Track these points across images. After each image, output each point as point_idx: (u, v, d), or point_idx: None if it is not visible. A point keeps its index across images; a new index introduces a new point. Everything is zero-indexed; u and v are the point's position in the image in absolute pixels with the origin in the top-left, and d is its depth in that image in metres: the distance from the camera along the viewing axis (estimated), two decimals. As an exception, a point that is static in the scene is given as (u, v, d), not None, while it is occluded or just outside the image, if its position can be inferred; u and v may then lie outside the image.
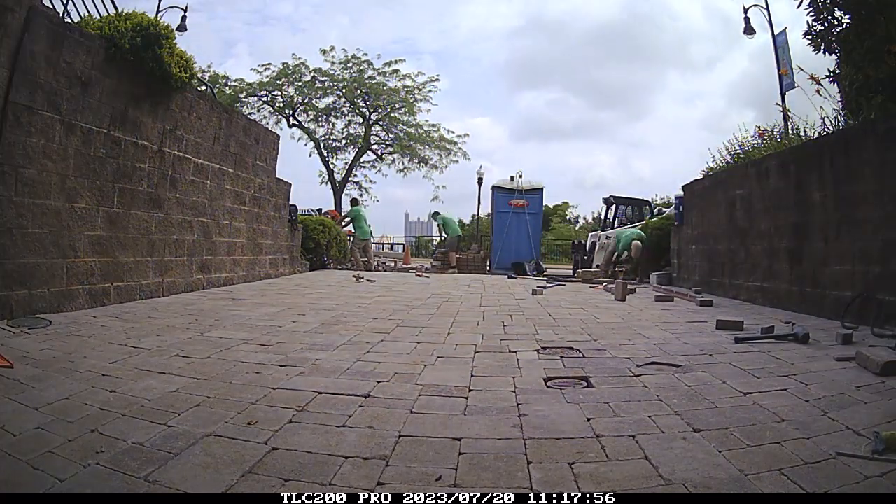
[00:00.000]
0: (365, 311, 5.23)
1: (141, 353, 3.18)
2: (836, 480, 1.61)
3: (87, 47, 4.67)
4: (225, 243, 7.32)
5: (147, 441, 1.87)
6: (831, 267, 4.92)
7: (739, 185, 6.93)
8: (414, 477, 1.68)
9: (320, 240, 11.49)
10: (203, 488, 1.58)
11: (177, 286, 6.13)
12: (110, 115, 5.00)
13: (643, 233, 10.47)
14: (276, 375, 2.77)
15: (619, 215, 13.88)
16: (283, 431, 2.01)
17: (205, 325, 4.16)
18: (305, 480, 1.64)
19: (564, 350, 3.51)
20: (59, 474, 1.62)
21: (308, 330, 4.12)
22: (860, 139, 4.68)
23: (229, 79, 23.05)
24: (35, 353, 3.05)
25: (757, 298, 6.20)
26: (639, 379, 2.79)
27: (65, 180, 4.48)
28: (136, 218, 5.44)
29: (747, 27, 12.08)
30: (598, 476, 1.68)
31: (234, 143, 7.58)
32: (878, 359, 2.77)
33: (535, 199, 15.11)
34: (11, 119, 3.93)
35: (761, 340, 3.74)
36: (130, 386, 2.51)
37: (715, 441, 1.93)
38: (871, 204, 4.46)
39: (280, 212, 9.37)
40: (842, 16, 5.10)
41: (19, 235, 4.03)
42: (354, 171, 24.74)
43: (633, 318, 5.02)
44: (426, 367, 3.00)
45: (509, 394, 2.54)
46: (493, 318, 5.00)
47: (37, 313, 4.07)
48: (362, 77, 23.12)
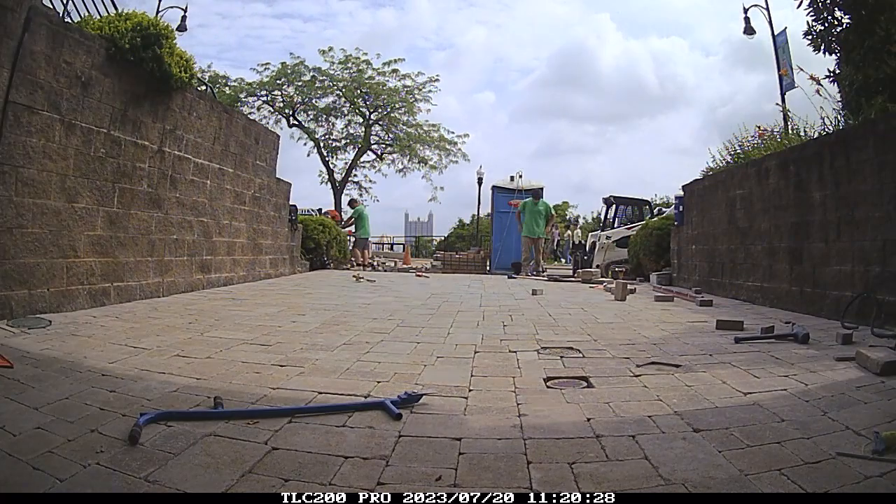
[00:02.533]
0: (365, 311, 5.23)
1: (141, 353, 3.18)
2: (836, 480, 1.61)
3: (87, 47, 4.67)
4: (225, 243, 7.32)
5: (147, 441, 1.87)
6: (831, 267, 4.92)
7: (739, 184, 6.92)
8: (414, 477, 1.68)
9: (320, 240, 11.49)
10: (203, 488, 1.58)
11: (177, 286, 6.13)
12: (110, 115, 5.00)
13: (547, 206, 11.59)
14: (276, 375, 2.77)
15: (619, 215, 13.88)
16: (283, 431, 2.01)
17: (205, 325, 4.16)
18: (305, 480, 1.64)
19: (564, 350, 3.51)
20: (59, 474, 1.62)
21: (308, 330, 4.12)
22: (860, 139, 4.67)
23: (229, 79, 23.09)
24: (35, 353, 3.05)
25: (757, 298, 6.20)
26: (639, 379, 2.79)
27: (65, 180, 4.48)
28: (136, 218, 5.44)
29: (747, 27, 12.09)
30: (598, 476, 1.68)
31: (234, 143, 7.58)
32: (878, 359, 2.76)
33: (535, 199, 15.09)
34: (11, 119, 3.93)
35: (761, 340, 3.73)
36: (130, 386, 2.51)
37: (715, 441, 1.93)
38: (871, 204, 4.46)
39: (280, 212, 9.37)
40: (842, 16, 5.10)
41: (19, 235, 4.03)
42: (354, 171, 24.76)
43: (632, 318, 5.02)
44: (426, 367, 3.00)
45: (509, 394, 2.54)
46: (493, 317, 5.00)
47: (37, 313, 4.07)
48: (362, 77, 23.12)
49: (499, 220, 14.89)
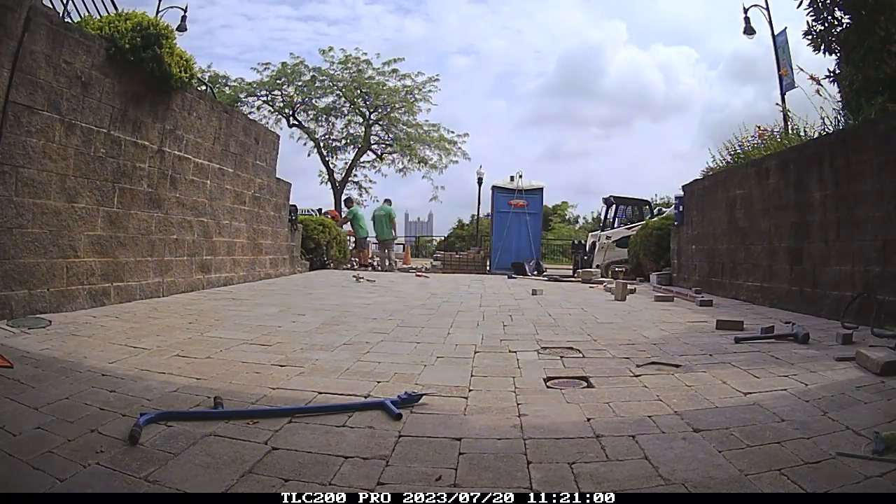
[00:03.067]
0: (365, 312, 5.23)
1: (141, 353, 3.18)
2: (836, 480, 1.61)
3: (87, 47, 4.67)
4: (225, 243, 7.32)
5: (147, 441, 1.87)
6: (831, 267, 4.92)
7: (739, 185, 6.93)
8: (414, 477, 1.68)
9: (320, 240, 11.49)
10: (203, 488, 1.58)
11: (177, 286, 6.13)
12: (110, 115, 4.99)
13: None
14: (276, 375, 2.77)
15: (619, 215, 13.89)
16: (283, 431, 2.01)
17: (205, 325, 4.16)
18: (305, 480, 1.64)
19: (564, 350, 3.51)
20: (59, 474, 1.62)
21: (308, 330, 4.12)
22: (860, 139, 4.67)
23: (229, 79, 23.03)
24: (35, 353, 3.04)
25: (757, 298, 6.20)
26: (639, 379, 2.79)
27: (65, 180, 4.48)
28: (136, 218, 5.44)
29: (747, 27, 12.08)
30: (598, 476, 1.68)
31: (234, 143, 7.58)
32: (878, 359, 2.77)
33: (535, 199, 15.12)
34: (11, 119, 3.92)
35: (761, 340, 3.74)
36: (130, 386, 2.51)
37: (715, 441, 1.93)
38: (871, 204, 4.46)
39: (280, 212, 9.37)
40: (842, 16, 5.10)
41: (19, 235, 4.03)
42: (354, 171, 24.75)
43: (632, 318, 5.02)
44: (426, 367, 3.00)
45: (509, 394, 2.54)
46: (493, 318, 5.00)
47: (37, 313, 4.07)
48: (361, 77, 23.10)
49: (499, 220, 14.89)
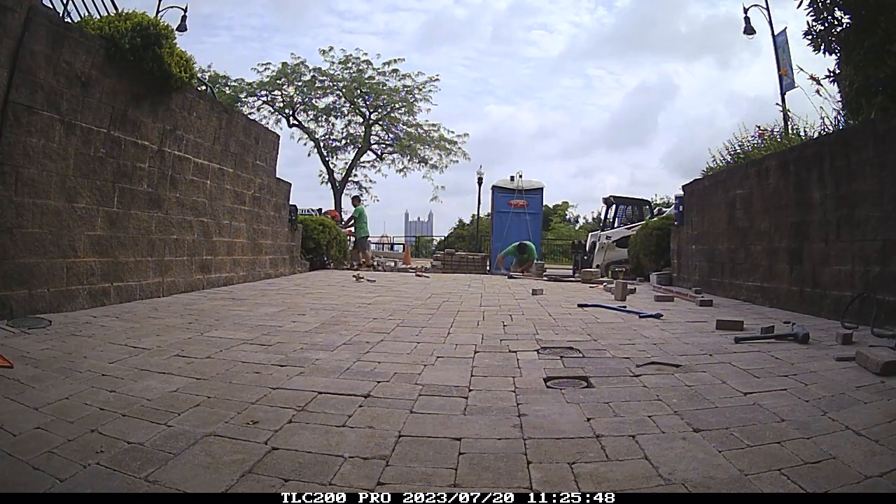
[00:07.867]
0: (365, 311, 5.23)
1: (141, 353, 3.18)
2: (836, 480, 1.61)
3: (87, 47, 4.67)
4: (225, 243, 7.32)
5: (147, 441, 1.87)
6: (831, 267, 4.92)
7: (739, 184, 6.93)
8: (414, 477, 1.68)
9: (320, 240, 11.49)
10: (203, 488, 1.58)
11: (177, 286, 6.13)
12: (110, 115, 4.99)
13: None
14: (276, 375, 2.77)
15: (619, 215, 13.90)
16: (283, 431, 2.01)
17: (205, 325, 4.16)
18: (305, 480, 1.64)
19: (564, 350, 3.51)
20: (59, 474, 1.62)
21: (308, 330, 4.12)
22: (860, 139, 4.68)
23: (229, 79, 23.09)
24: (35, 353, 3.05)
25: (757, 298, 6.20)
26: (639, 379, 2.79)
27: (65, 180, 4.48)
28: (136, 218, 5.44)
29: (747, 27, 12.10)
30: (598, 476, 1.68)
31: (234, 143, 7.58)
32: (878, 359, 2.77)
33: (535, 199, 15.16)
34: (11, 119, 3.93)
35: (761, 340, 3.73)
36: (130, 386, 2.51)
37: (715, 441, 1.93)
38: (870, 204, 4.46)
39: (280, 212, 9.37)
40: (842, 16, 5.10)
41: (19, 235, 4.03)
42: (354, 171, 24.77)
43: (633, 318, 5.02)
44: (426, 367, 3.00)
45: (509, 394, 2.54)
46: (493, 317, 5.00)
47: (37, 313, 4.07)
48: (362, 77, 23.13)
49: (499, 220, 14.92)
